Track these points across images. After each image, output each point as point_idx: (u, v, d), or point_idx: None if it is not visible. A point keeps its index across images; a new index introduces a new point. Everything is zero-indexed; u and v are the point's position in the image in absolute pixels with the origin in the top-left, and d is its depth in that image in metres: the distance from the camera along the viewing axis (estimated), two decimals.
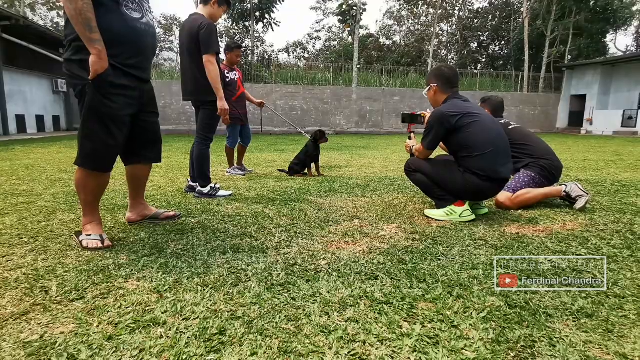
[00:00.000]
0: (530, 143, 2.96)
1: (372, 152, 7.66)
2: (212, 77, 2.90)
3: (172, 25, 30.57)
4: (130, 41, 1.87)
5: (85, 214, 1.97)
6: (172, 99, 15.44)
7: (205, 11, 3.00)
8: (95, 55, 1.72)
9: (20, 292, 1.41)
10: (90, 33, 1.69)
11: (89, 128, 1.86)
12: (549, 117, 18.89)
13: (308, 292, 1.41)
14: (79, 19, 1.66)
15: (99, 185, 2.00)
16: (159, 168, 4.94)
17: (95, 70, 1.74)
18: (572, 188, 2.73)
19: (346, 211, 2.68)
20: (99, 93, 1.80)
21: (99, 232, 1.93)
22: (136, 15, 1.88)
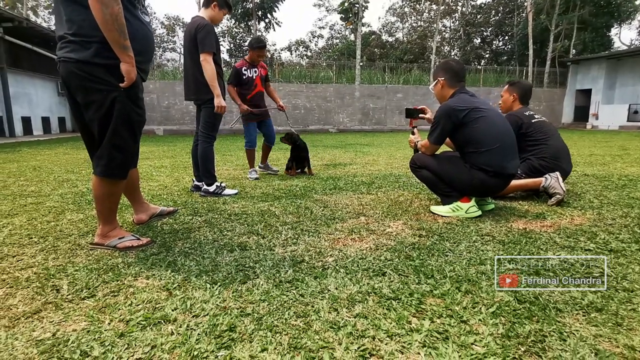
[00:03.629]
0: (548, 142, 2.94)
1: (376, 149, 7.65)
2: (208, 75, 2.97)
3: (175, 26, 30.64)
4: (146, 46, 1.87)
5: (107, 222, 1.91)
6: (175, 99, 15.49)
7: (206, 14, 3.07)
8: (129, 63, 1.68)
9: (32, 290, 1.42)
10: (124, 40, 1.63)
11: (122, 138, 1.79)
12: (554, 112, 18.74)
13: (316, 289, 1.41)
14: (115, 24, 1.58)
15: (120, 192, 1.97)
16: (164, 168, 4.97)
17: (131, 79, 1.71)
18: (551, 183, 2.71)
19: (352, 208, 2.68)
20: (131, 102, 1.77)
21: (128, 233, 1.95)
22: (147, 18, 1.88)
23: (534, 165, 2.89)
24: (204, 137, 3.17)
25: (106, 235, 1.90)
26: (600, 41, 21.28)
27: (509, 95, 3.17)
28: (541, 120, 3.05)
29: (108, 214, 1.91)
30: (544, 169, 2.86)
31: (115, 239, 1.88)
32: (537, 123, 3.00)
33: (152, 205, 2.41)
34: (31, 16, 22.53)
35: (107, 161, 1.80)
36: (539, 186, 2.79)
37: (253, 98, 4.02)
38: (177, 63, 21.41)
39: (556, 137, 3.03)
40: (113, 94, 1.71)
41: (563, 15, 19.99)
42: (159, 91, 15.39)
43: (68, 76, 1.70)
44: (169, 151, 7.44)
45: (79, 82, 1.69)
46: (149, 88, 15.24)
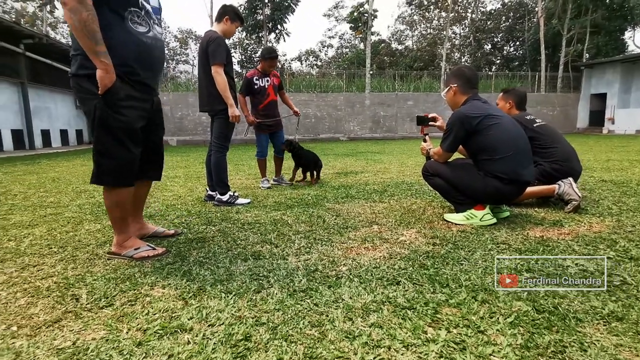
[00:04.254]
0: (556, 145, 2.90)
1: (387, 157, 7.63)
2: (220, 86, 3.05)
3: (187, 39, 31.34)
4: (136, 55, 1.82)
5: (120, 232, 1.93)
6: (188, 110, 15.77)
7: (219, 28, 3.17)
8: (102, 69, 1.68)
9: (52, 300, 1.46)
10: (96, 46, 1.64)
11: (102, 144, 1.81)
12: (568, 117, 18.45)
13: (330, 298, 1.41)
14: (84, 30, 1.60)
15: (126, 200, 1.95)
16: (178, 178, 5.05)
17: (104, 85, 1.70)
18: (566, 190, 2.66)
19: (364, 217, 2.68)
20: (109, 108, 1.76)
21: (143, 243, 1.96)
22: (142, 29, 1.84)
23: (546, 170, 2.85)
24: (217, 147, 3.22)
25: (122, 245, 1.92)
26: (614, 45, 20.95)
27: (505, 103, 3.16)
28: (543, 124, 3.02)
29: (120, 224, 1.93)
30: (556, 172, 2.82)
31: (132, 249, 1.90)
32: (540, 127, 2.97)
33: (147, 224, 2.33)
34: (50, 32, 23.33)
35: (95, 168, 1.84)
36: (552, 193, 2.74)
37: (266, 107, 4.05)
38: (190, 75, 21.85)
39: (562, 139, 3.00)
40: (94, 101, 1.75)
41: (575, 20, 19.78)
42: (173, 103, 15.70)
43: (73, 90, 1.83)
44: (182, 161, 7.56)
45: (75, 94, 1.82)
46: (162, 100, 15.49)
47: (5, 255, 2.00)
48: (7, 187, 4.37)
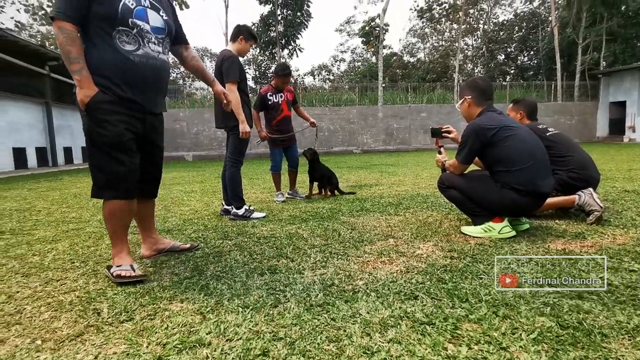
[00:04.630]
0: (571, 153, 2.84)
1: (401, 169, 7.59)
2: (233, 103, 3.06)
3: (203, 57, 32.18)
4: (122, 72, 1.81)
5: (114, 245, 1.94)
6: (204, 126, 16.10)
7: (233, 47, 3.27)
8: (77, 85, 1.76)
9: (75, 314, 1.49)
10: (70, 64, 1.73)
11: (95, 158, 1.86)
12: (587, 125, 18.06)
13: (347, 313, 1.40)
14: (62, 52, 1.73)
15: (124, 213, 1.93)
16: (194, 193, 5.13)
17: (80, 100, 1.77)
18: (586, 200, 2.59)
19: (380, 230, 2.66)
20: (93, 122, 1.80)
21: (129, 262, 1.89)
22: (129, 47, 1.83)
23: (563, 179, 2.77)
24: (232, 161, 3.28)
25: (114, 258, 1.92)
26: (631, 52, 20.54)
27: (516, 114, 3.12)
28: (556, 132, 2.97)
29: (112, 237, 1.94)
30: (574, 181, 2.75)
31: (115, 266, 1.87)
32: (553, 136, 2.91)
33: (164, 239, 2.34)
34: None
35: (93, 182, 1.89)
36: (572, 204, 2.67)
37: (280, 123, 4.11)
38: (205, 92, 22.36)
39: (577, 147, 2.94)
40: (84, 119, 1.83)
41: (590, 28, 19.53)
42: (189, 119, 16.06)
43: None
44: (198, 176, 7.69)
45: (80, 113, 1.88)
46: (179, 116, 15.96)
47: (30, 269, 2.06)
48: (32, 203, 4.52)
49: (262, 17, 21.39)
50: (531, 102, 3.16)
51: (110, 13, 1.77)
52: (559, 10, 20.43)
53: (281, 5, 20.75)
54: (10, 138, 10.77)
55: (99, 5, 1.75)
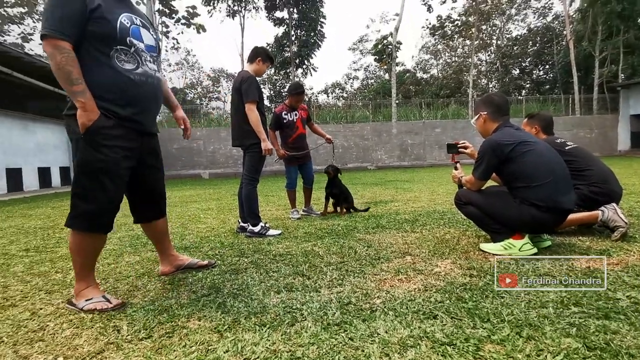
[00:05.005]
0: (591, 167, 2.78)
1: (417, 185, 7.53)
2: (253, 122, 3.20)
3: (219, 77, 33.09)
4: (122, 93, 1.77)
5: (79, 279, 1.80)
6: (220, 144, 16.41)
7: (251, 68, 3.37)
8: (80, 108, 1.65)
9: (96, 331, 1.51)
10: (71, 86, 1.63)
11: (81, 186, 1.73)
12: (607, 139, 17.63)
13: (365, 332, 1.38)
14: (59, 73, 1.62)
15: (96, 247, 1.85)
16: (211, 210, 5.19)
17: (82, 124, 1.65)
18: (610, 216, 2.51)
19: (396, 247, 2.63)
20: (91, 147, 1.70)
21: (99, 293, 1.80)
22: (129, 66, 1.78)
23: (584, 194, 2.69)
24: (248, 179, 3.33)
25: (78, 294, 1.79)
26: None
27: (531, 128, 3.06)
28: (575, 146, 2.91)
29: (80, 270, 1.81)
30: (596, 195, 2.67)
31: (83, 300, 1.75)
32: (572, 150, 2.85)
33: (181, 256, 2.33)
34: None
35: (70, 210, 1.75)
36: (596, 220, 2.60)
37: (295, 141, 4.17)
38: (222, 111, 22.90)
39: (597, 161, 2.87)
40: (78, 142, 1.72)
41: (607, 41, 19.31)
42: (205, 137, 16.41)
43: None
44: (214, 194, 7.79)
45: (67, 134, 1.81)
46: (196, 135, 16.32)
47: (53, 286, 2.11)
48: (55, 221, 4.65)
49: (277, 38, 21.99)
50: (546, 116, 3.12)
51: (109, 32, 1.71)
52: (574, 24, 20.31)
53: (295, 27, 21.31)
54: (36, 158, 11.20)
55: (97, 24, 1.68)
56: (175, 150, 16.17)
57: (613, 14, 17.98)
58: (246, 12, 21.54)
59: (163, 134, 16.41)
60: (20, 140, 10.54)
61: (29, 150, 10.86)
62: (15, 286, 2.14)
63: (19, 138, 10.53)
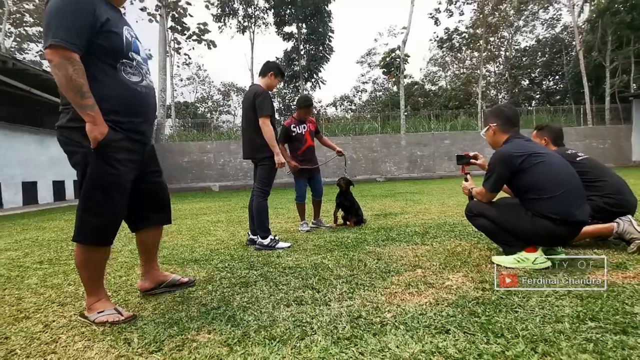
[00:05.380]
0: (604, 178, 2.74)
1: (426, 197, 7.47)
2: (267, 136, 3.25)
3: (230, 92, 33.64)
4: (130, 105, 1.79)
5: (90, 293, 1.80)
6: (230, 157, 16.57)
7: (263, 82, 3.44)
8: (90, 122, 1.62)
9: (107, 343, 1.52)
10: (81, 99, 1.60)
11: (93, 201, 1.72)
12: (621, 149, 17.32)
13: (376, 347, 1.36)
14: (70, 85, 1.58)
15: (102, 260, 1.86)
16: (220, 223, 5.22)
17: (94, 137, 1.64)
18: (626, 228, 2.45)
19: (407, 260, 2.60)
20: (103, 161, 1.70)
21: (111, 306, 1.81)
22: (135, 78, 1.82)
23: (598, 205, 2.64)
24: (259, 191, 3.36)
25: (90, 307, 1.78)
26: None
27: (540, 140, 3.04)
28: (586, 157, 2.88)
29: (88, 284, 1.81)
30: (610, 207, 2.62)
31: (95, 313, 1.75)
32: (584, 161, 2.82)
33: (163, 272, 2.25)
34: None
35: (79, 225, 1.74)
36: (610, 232, 2.54)
37: (304, 153, 4.20)
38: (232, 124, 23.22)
39: (609, 171, 2.83)
40: (87, 157, 1.69)
41: (617, 51, 19.17)
42: (215, 150, 16.60)
43: (59, 143, 1.77)
44: (224, 206, 7.83)
45: (62, 147, 1.75)
46: (206, 148, 16.54)
47: (65, 299, 2.14)
48: (69, 234, 4.72)
49: (286, 52, 22.36)
50: (556, 128, 3.10)
51: (117, 46, 1.74)
52: (583, 34, 20.24)
53: (304, 41, 21.67)
54: (51, 172, 11.44)
55: (106, 37, 1.69)
56: (186, 163, 16.37)
57: (623, 24, 17.89)
58: (256, 27, 22.02)
59: (174, 147, 16.69)
60: (36, 154, 10.80)
61: (44, 163, 11.11)
62: (29, 298, 2.17)
63: (35, 152, 10.79)
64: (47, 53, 1.58)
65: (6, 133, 9.71)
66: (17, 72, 8.69)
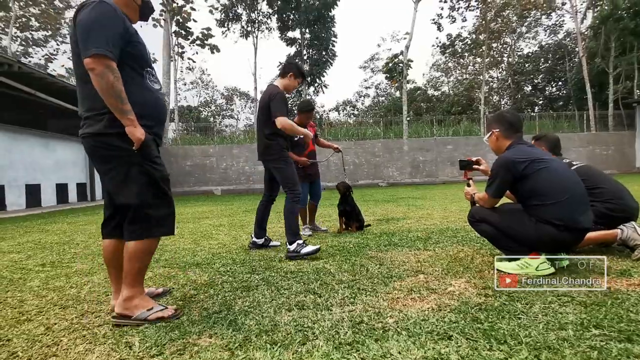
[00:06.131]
0: (602, 185, 2.71)
1: (429, 202, 7.45)
2: (288, 127, 3.11)
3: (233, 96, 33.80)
4: (155, 111, 1.91)
5: (137, 285, 1.83)
6: (232, 161, 16.62)
7: (281, 83, 3.32)
8: (131, 125, 1.72)
9: (108, 347, 1.52)
10: (122, 104, 1.69)
11: (152, 196, 1.81)
12: (625, 156, 17.25)
13: (378, 353, 1.36)
14: (111, 91, 1.66)
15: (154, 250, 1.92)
16: (222, 227, 5.22)
17: (138, 139, 1.73)
18: (630, 235, 2.44)
19: (409, 265, 2.59)
20: (148, 160, 1.80)
21: (154, 302, 1.85)
22: (157, 86, 1.95)
23: (600, 211, 2.61)
24: (291, 195, 3.19)
25: (132, 303, 1.78)
26: None
27: None
28: (582, 165, 2.88)
29: (137, 276, 1.82)
30: (612, 212, 2.60)
31: (144, 310, 1.77)
32: (579, 169, 2.79)
33: None
34: None
35: (142, 224, 1.80)
36: (614, 239, 2.52)
37: (306, 157, 4.21)
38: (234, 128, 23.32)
39: (608, 178, 2.82)
40: (130, 158, 1.77)
41: (620, 57, 19.16)
42: (218, 154, 16.65)
43: (89, 150, 1.81)
44: (226, 210, 7.84)
45: (97, 152, 1.80)
46: (209, 152, 16.59)
47: (67, 302, 2.14)
48: (71, 237, 4.74)
49: (289, 57, 22.44)
50: (553, 138, 3.11)
51: (142, 55, 1.86)
52: (586, 40, 20.26)
53: (307, 46, 21.77)
54: (55, 175, 11.50)
55: (134, 47, 1.80)
56: (189, 167, 16.42)
57: (626, 30, 17.91)
58: (259, 32, 22.17)
59: (177, 150, 16.75)
60: (40, 157, 10.88)
61: (48, 166, 11.18)
62: (31, 301, 2.18)
63: (40, 155, 10.86)
64: (90, 62, 1.65)
65: (11, 136, 9.78)
66: (22, 76, 8.76)
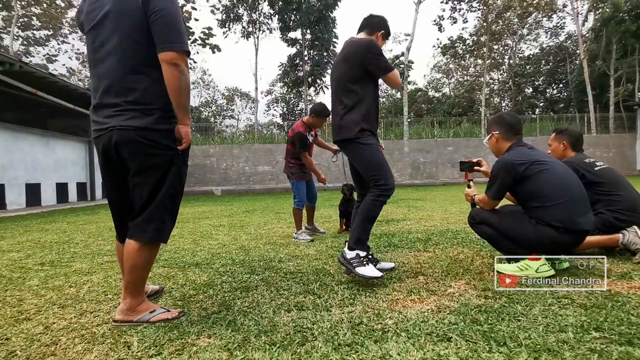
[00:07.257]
0: (619, 191, 2.63)
1: (429, 203, 7.45)
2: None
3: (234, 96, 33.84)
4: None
5: (136, 294, 1.75)
6: (232, 161, 16.63)
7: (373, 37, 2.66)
8: (188, 125, 1.73)
9: (106, 346, 1.51)
10: (188, 104, 1.72)
11: (175, 200, 1.80)
12: (626, 158, 17.26)
13: (377, 354, 1.35)
14: (186, 89, 1.68)
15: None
16: (222, 227, 5.22)
17: (189, 140, 1.74)
18: (631, 239, 2.43)
19: (409, 267, 2.59)
20: (182, 164, 1.79)
21: (156, 305, 1.84)
22: None
23: (608, 220, 2.58)
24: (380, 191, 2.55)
25: (135, 309, 1.74)
26: None
27: (559, 144, 2.96)
28: (605, 167, 2.76)
29: (140, 284, 1.78)
30: (620, 223, 2.56)
31: (147, 312, 1.75)
32: (601, 171, 2.71)
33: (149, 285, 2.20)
34: None
35: (158, 225, 1.73)
36: (616, 243, 2.51)
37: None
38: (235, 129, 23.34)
39: (627, 184, 2.71)
40: (173, 157, 1.73)
41: (621, 60, 19.18)
42: (218, 155, 16.66)
43: (125, 143, 1.66)
44: (226, 210, 7.84)
45: (139, 148, 1.67)
46: (209, 152, 16.59)
47: (66, 301, 2.13)
48: (71, 236, 4.73)
49: (290, 57, 22.46)
50: (575, 132, 3.00)
51: None
52: (587, 43, 20.27)
53: (308, 47, 21.77)
54: (55, 174, 11.50)
55: None
56: (189, 167, 16.37)
57: (628, 32, 17.93)
58: (260, 33, 22.17)
59: None
60: (41, 156, 10.87)
61: (48, 166, 11.17)
62: (30, 300, 2.17)
63: (40, 154, 10.86)
64: (176, 57, 1.62)
65: (12, 135, 9.78)
66: (23, 75, 8.77)
